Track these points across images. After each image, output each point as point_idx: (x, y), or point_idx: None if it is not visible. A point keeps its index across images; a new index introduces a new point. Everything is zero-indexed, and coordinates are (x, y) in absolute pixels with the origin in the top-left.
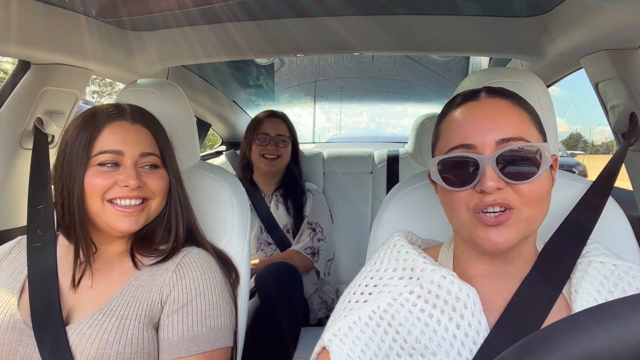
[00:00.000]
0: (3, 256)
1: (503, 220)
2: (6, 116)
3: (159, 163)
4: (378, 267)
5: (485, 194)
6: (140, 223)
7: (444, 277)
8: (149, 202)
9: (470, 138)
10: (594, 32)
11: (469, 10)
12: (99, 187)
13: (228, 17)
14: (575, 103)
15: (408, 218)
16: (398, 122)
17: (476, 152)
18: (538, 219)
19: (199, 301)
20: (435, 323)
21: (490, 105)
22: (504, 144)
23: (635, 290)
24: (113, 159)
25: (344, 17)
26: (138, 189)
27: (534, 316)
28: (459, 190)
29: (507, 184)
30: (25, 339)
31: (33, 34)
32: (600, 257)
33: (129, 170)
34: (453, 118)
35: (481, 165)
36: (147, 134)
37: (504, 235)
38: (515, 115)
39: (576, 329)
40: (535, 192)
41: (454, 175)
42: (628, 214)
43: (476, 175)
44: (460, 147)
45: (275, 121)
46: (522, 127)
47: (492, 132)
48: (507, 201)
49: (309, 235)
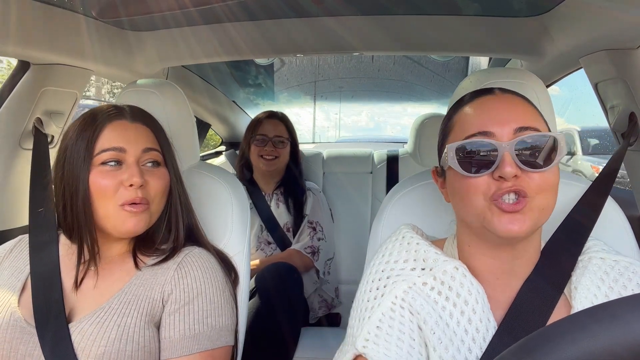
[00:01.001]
0: (4, 255)
1: (519, 208)
2: (6, 116)
3: (160, 160)
4: (388, 259)
5: (502, 181)
6: (144, 223)
7: (457, 268)
8: (151, 203)
9: (488, 126)
10: (593, 32)
11: (468, 10)
12: (105, 189)
13: (227, 17)
14: (566, 102)
15: (408, 218)
16: (397, 121)
17: (495, 139)
18: (549, 208)
19: (200, 300)
20: (448, 316)
21: (506, 99)
22: (521, 132)
23: (635, 285)
24: (115, 156)
25: (343, 17)
26: (141, 188)
27: (537, 314)
28: (476, 177)
29: (523, 171)
30: (26, 337)
31: (33, 34)
32: (600, 253)
33: (132, 168)
34: (467, 111)
35: (500, 151)
36: (147, 132)
37: (519, 222)
38: (529, 109)
39: (577, 328)
40: (549, 180)
41: (471, 162)
42: (628, 214)
43: (494, 161)
44: (478, 135)
45: (274, 122)
46: (536, 120)
47: (510, 121)
48: (523, 188)
49: (309, 234)
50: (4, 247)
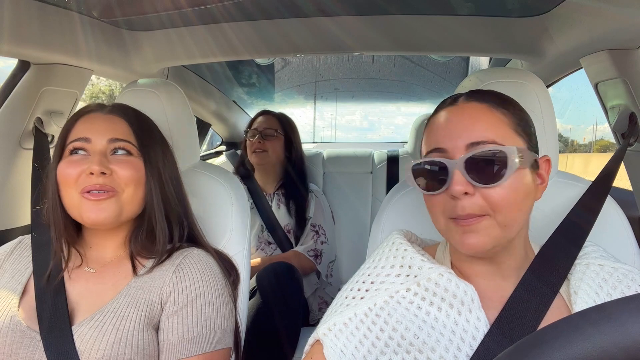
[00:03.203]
0: (4, 257)
1: (474, 226)
2: (6, 116)
3: (133, 151)
4: (376, 265)
5: (456, 200)
6: (109, 212)
7: (442, 274)
8: (121, 193)
9: (441, 142)
10: (593, 32)
11: (469, 11)
12: (67, 177)
13: (224, 17)
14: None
15: (408, 218)
16: (391, 121)
17: (447, 157)
18: (514, 224)
19: (199, 302)
20: (433, 320)
21: (464, 110)
22: (473, 147)
23: (634, 292)
24: (80, 145)
25: (341, 17)
26: (104, 176)
27: (531, 314)
28: (434, 195)
29: (476, 188)
30: (26, 341)
31: (32, 33)
32: (598, 260)
33: (95, 157)
34: (432, 122)
35: (450, 169)
36: (120, 123)
37: (476, 238)
38: (489, 119)
39: (572, 330)
40: (505, 197)
41: (427, 180)
42: (628, 214)
43: (446, 179)
44: (434, 152)
45: (266, 117)
46: (495, 131)
47: (463, 136)
48: (477, 211)
49: (312, 237)
50: (4, 248)
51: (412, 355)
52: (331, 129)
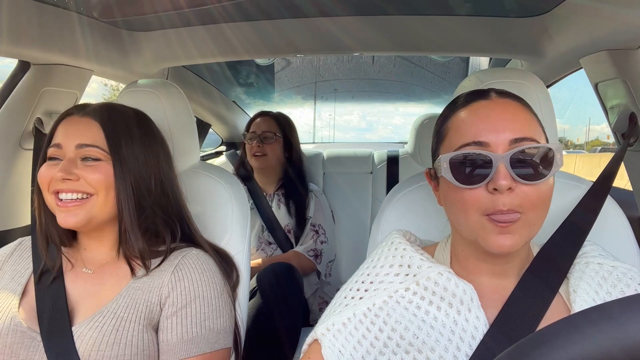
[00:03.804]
0: (4, 259)
1: (512, 227)
2: (6, 117)
3: (102, 156)
4: (375, 264)
5: (497, 195)
6: (80, 217)
7: (441, 274)
8: (92, 198)
9: (483, 136)
10: (593, 33)
11: (468, 11)
12: (41, 180)
13: (224, 18)
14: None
15: (408, 218)
16: (389, 121)
17: (489, 150)
18: (539, 222)
19: (198, 303)
20: (432, 319)
21: (502, 105)
22: (517, 143)
23: (633, 291)
24: (54, 152)
25: (341, 18)
26: (70, 182)
27: (531, 314)
28: (471, 189)
29: (517, 184)
30: (26, 342)
31: (31, 34)
32: (598, 259)
33: (63, 163)
34: (462, 116)
35: (495, 163)
36: (92, 127)
37: (511, 239)
38: (526, 117)
39: (574, 330)
40: (543, 194)
41: (465, 173)
42: (628, 215)
43: (488, 173)
44: (472, 145)
45: (264, 119)
46: (533, 129)
47: (506, 131)
48: (516, 208)
49: (312, 237)
50: (4, 250)
51: (411, 355)
52: (329, 129)
